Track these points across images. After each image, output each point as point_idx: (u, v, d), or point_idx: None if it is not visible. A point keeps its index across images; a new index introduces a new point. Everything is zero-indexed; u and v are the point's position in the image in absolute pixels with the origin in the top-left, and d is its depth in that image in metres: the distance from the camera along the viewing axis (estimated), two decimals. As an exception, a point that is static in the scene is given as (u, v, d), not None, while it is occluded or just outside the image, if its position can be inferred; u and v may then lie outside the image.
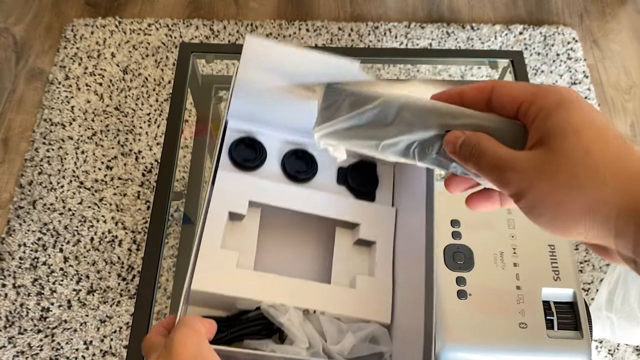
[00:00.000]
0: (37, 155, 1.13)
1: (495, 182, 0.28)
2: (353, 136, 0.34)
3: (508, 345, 0.52)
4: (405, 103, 0.32)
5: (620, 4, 1.46)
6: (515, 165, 0.26)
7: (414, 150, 0.32)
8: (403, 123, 0.32)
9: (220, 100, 1.00)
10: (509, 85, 0.29)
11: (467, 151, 0.29)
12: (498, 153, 0.27)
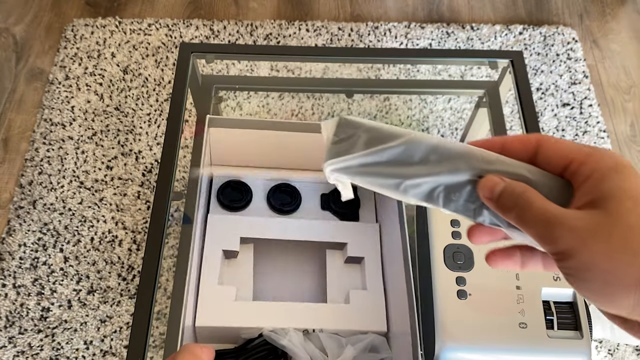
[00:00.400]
0: (37, 155, 1.13)
1: (540, 237, 0.26)
2: (370, 173, 0.31)
3: (508, 345, 0.52)
4: (436, 144, 0.30)
5: (620, 4, 1.46)
6: (567, 221, 0.25)
7: (439, 194, 0.30)
8: (431, 164, 0.30)
9: (220, 100, 0.99)
10: (558, 141, 0.28)
11: (510, 200, 0.27)
12: (547, 207, 0.26)
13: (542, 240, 0.26)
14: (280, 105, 1.19)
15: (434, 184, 0.30)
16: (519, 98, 0.80)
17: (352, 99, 1.21)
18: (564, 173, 0.28)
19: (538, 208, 0.26)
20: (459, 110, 1.21)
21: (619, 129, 1.25)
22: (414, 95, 1.22)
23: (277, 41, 1.32)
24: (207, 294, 0.54)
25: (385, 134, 0.31)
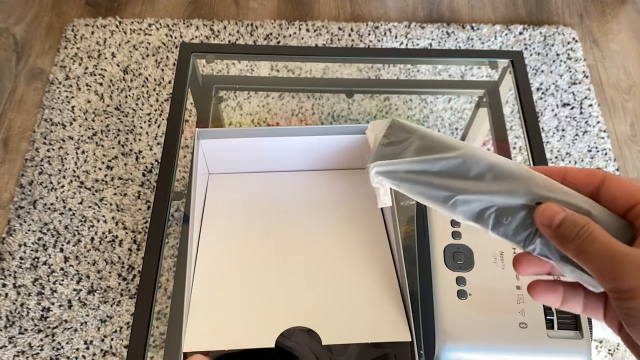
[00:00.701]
0: (38, 155, 1.13)
1: (602, 272, 0.25)
2: (419, 182, 0.30)
3: (508, 345, 0.52)
4: (495, 163, 0.29)
5: (620, 4, 1.46)
6: (635, 259, 0.24)
7: (490, 214, 0.29)
8: (486, 182, 0.29)
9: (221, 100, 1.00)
10: (625, 180, 0.28)
11: (572, 231, 0.26)
12: (612, 242, 0.25)
13: (605, 276, 0.25)
14: (280, 105, 1.19)
15: (487, 203, 0.29)
16: (519, 98, 0.80)
17: (352, 99, 1.21)
18: (627, 213, 0.27)
19: (603, 242, 0.25)
20: (459, 110, 1.21)
21: (619, 129, 1.25)
22: (414, 95, 1.22)
23: (277, 41, 1.32)
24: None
25: (440, 143, 0.30)
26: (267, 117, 1.18)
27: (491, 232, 0.29)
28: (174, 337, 0.65)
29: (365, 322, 0.53)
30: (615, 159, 1.20)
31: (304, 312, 0.52)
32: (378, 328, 0.52)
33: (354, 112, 1.20)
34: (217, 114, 0.95)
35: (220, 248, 0.59)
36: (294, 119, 1.17)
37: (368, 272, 0.58)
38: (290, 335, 0.51)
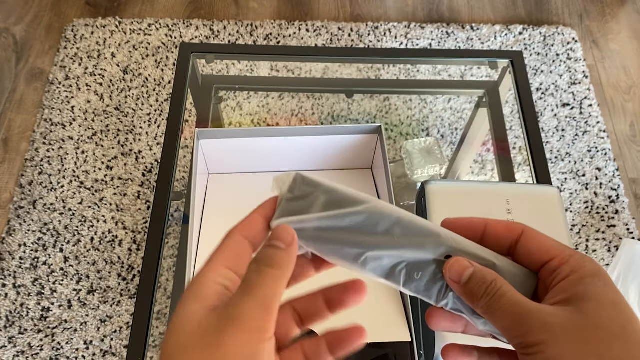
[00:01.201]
0: (38, 155, 1.14)
1: (509, 329, 0.25)
2: (328, 239, 0.29)
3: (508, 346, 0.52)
4: (400, 217, 0.28)
5: (620, 4, 1.46)
6: (540, 316, 0.25)
7: (401, 270, 0.28)
8: (395, 237, 0.28)
9: (220, 100, 1.00)
10: (542, 236, 0.28)
11: (480, 287, 0.26)
12: (518, 299, 0.26)
13: (511, 332, 0.25)
14: (280, 106, 1.20)
15: (397, 259, 0.28)
16: (518, 98, 0.80)
17: (352, 99, 1.21)
18: (541, 267, 0.28)
19: (509, 299, 0.26)
20: (459, 110, 1.21)
21: (618, 129, 1.25)
22: (414, 96, 1.22)
23: (277, 41, 1.32)
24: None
25: (345, 197, 0.29)
26: (267, 117, 1.18)
27: (403, 288, 0.29)
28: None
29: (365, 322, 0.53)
30: (615, 159, 1.20)
31: None
32: (378, 328, 0.52)
33: (353, 112, 1.20)
34: (217, 114, 0.95)
35: None
36: (293, 119, 1.17)
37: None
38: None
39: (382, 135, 0.64)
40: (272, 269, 0.26)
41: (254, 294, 0.25)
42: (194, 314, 0.25)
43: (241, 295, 0.25)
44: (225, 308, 0.25)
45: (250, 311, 0.25)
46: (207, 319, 0.25)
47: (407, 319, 0.53)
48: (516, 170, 1.09)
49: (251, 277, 0.26)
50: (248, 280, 0.26)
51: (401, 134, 1.18)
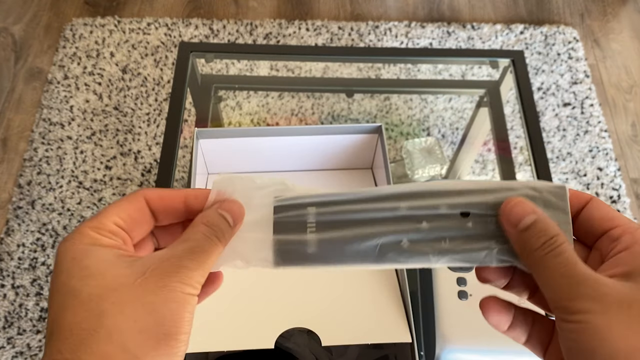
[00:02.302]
0: (36, 155, 1.13)
1: (556, 290, 0.24)
2: (333, 242, 0.27)
3: (508, 346, 0.52)
4: (398, 191, 0.27)
5: (621, 4, 1.46)
6: (597, 285, 0.23)
7: (424, 244, 0.27)
8: (402, 211, 0.27)
9: (220, 99, 0.99)
10: (609, 207, 0.27)
11: (539, 239, 0.25)
12: (577, 261, 0.24)
13: (557, 294, 0.24)
14: (280, 105, 1.19)
15: (416, 234, 0.27)
16: (520, 98, 0.80)
17: (352, 99, 1.20)
18: (602, 235, 0.26)
19: (566, 259, 0.24)
20: (459, 109, 1.21)
21: (620, 129, 1.25)
22: (415, 95, 1.21)
23: (277, 40, 1.32)
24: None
25: (332, 197, 0.27)
26: (267, 116, 1.18)
27: (436, 264, 0.27)
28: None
29: (365, 323, 0.52)
30: (616, 158, 1.19)
31: (304, 313, 0.52)
32: (378, 329, 0.52)
33: (354, 112, 1.19)
34: (217, 114, 0.94)
35: None
36: (293, 118, 1.17)
37: (368, 273, 0.57)
38: (290, 336, 0.50)
39: (383, 135, 0.63)
40: (219, 241, 0.26)
41: (200, 256, 0.25)
42: (111, 258, 0.25)
43: (186, 251, 0.25)
44: (168, 257, 0.25)
45: (194, 269, 0.25)
46: (132, 262, 0.25)
47: (408, 320, 0.53)
48: (517, 170, 1.08)
49: (200, 239, 0.26)
50: (198, 241, 0.26)
51: (402, 133, 1.18)
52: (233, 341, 0.50)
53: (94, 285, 0.24)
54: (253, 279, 0.56)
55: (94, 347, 0.22)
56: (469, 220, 0.27)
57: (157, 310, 0.23)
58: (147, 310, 0.23)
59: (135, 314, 0.23)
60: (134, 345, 0.23)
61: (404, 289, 0.54)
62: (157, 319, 0.23)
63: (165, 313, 0.23)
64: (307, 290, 0.55)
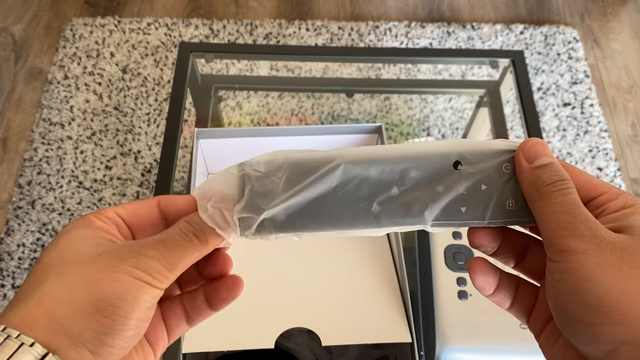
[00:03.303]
0: (36, 155, 1.13)
1: (555, 227, 0.24)
2: (315, 209, 0.26)
3: (508, 346, 0.52)
4: (383, 155, 0.26)
5: (621, 4, 1.46)
6: (594, 226, 0.24)
7: (420, 198, 0.26)
8: (385, 173, 0.26)
9: (220, 99, 0.99)
10: (585, 173, 0.27)
11: (551, 177, 0.25)
12: (581, 204, 0.25)
13: (554, 231, 0.24)
14: (280, 105, 1.19)
15: (411, 184, 0.26)
16: (519, 98, 0.80)
17: (352, 99, 1.20)
18: (589, 203, 0.26)
19: (572, 199, 0.24)
20: (459, 109, 1.21)
21: (620, 129, 1.25)
22: (415, 95, 1.21)
23: (277, 40, 1.32)
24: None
25: (308, 163, 0.26)
26: (267, 116, 1.18)
27: (432, 226, 0.27)
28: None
29: (365, 323, 0.52)
30: (616, 158, 1.19)
31: (304, 313, 0.52)
32: (378, 329, 0.52)
33: (354, 112, 1.19)
34: (217, 114, 0.94)
35: None
36: (293, 118, 1.17)
37: (368, 273, 0.57)
38: (290, 336, 0.50)
39: (383, 135, 0.63)
40: (199, 241, 0.26)
41: (167, 248, 0.25)
42: (86, 237, 0.25)
43: (155, 241, 0.25)
44: (132, 244, 0.25)
45: (155, 258, 0.25)
46: (103, 245, 0.25)
47: (408, 320, 0.53)
48: (517, 170, 1.08)
49: (175, 234, 0.26)
50: (170, 235, 0.26)
51: (402, 133, 1.18)
52: (233, 341, 0.50)
53: (53, 257, 0.25)
54: (253, 279, 0.56)
55: (21, 309, 0.23)
56: (462, 173, 0.27)
57: (97, 287, 0.23)
58: (86, 284, 0.23)
59: (72, 286, 0.23)
60: (61, 313, 0.23)
61: (404, 289, 0.54)
62: (95, 294, 0.23)
63: (105, 291, 0.23)
64: (307, 290, 0.55)
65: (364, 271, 0.58)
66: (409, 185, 0.26)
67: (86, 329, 0.23)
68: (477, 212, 0.27)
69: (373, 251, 0.59)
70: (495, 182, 0.27)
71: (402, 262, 0.54)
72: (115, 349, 0.23)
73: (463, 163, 0.27)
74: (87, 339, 0.23)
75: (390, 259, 0.59)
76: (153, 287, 0.24)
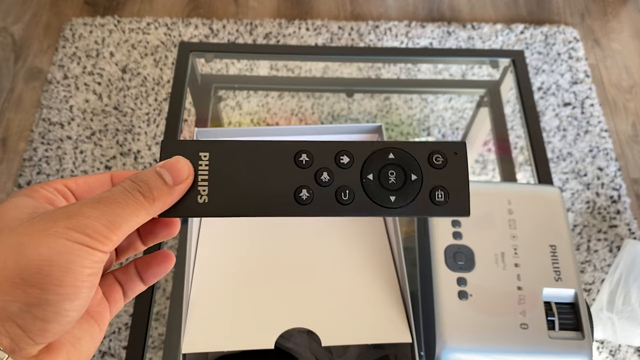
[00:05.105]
0: (36, 155, 1.13)
1: None
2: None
3: (509, 346, 0.52)
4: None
5: (621, 3, 1.46)
6: None
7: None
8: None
9: (220, 99, 0.99)
10: None
11: None
12: None
13: None
14: (280, 105, 1.19)
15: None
16: (520, 97, 0.79)
17: (352, 98, 1.20)
18: None
19: None
20: (460, 109, 1.21)
21: (620, 129, 1.25)
22: (415, 95, 1.21)
23: (277, 40, 1.32)
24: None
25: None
26: (267, 116, 1.18)
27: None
28: (172, 338, 0.65)
29: (366, 323, 0.52)
30: (616, 158, 1.19)
31: (304, 313, 0.52)
32: (378, 329, 0.52)
33: (354, 112, 1.19)
34: (217, 114, 0.94)
35: (220, 248, 0.59)
36: (293, 118, 1.17)
37: (368, 273, 0.57)
38: (290, 337, 0.50)
39: (383, 134, 0.63)
40: (144, 197, 0.24)
41: (108, 206, 0.23)
42: (24, 205, 0.23)
43: (93, 200, 0.23)
44: (68, 206, 0.23)
45: (94, 217, 0.22)
46: (38, 210, 0.23)
47: (408, 320, 0.53)
48: (517, 170, 1.08)
49: (117, 191, 0.24)
50: (112, 193, 0.23)
51: (402, 133, 1.17)
52: (233, 341, 0.49)
53: None
54: (253, 279, 0.56)
55: None
56: None
57: (23, 252, 0.21)
58: (12, 251, 0.21)
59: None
60: None
61: (404, 289, 0.54)
62: (21, 262, 0.20)
63: (32, 257, 0.20)
64: (307, 291, 0.55)
65: (364, 271, 0.58)
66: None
67: (12, 301, 0.20)
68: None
69: (373, 251, 0.59)
70: None
71: (402, 262, 0.54)
72: (50, 323, 0.21)
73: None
74: (14, 313, 0.20)
75: (390, 259, 0.59)
76: (92, 249, 0.22)
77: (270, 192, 0.26)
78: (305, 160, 0.27)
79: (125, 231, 0.23)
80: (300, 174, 0.27)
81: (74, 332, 0.23)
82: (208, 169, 0.26)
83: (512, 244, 0.56)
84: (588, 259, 1.07)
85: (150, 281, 0.29)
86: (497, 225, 0.57)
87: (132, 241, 0.29)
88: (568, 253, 0.56)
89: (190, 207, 0.26)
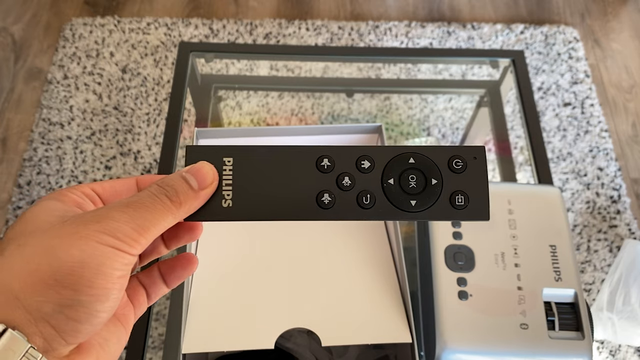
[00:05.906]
0: (36, 155, 1.13)
1: None
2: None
3: (509, 347, 0.52)
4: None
5: (621, 3, 1.46)
6: None
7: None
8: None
9: (220, 99, 0.99)
10: None
11: None
12: None
13: None
14: (280, 105, 1.19)
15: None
16: (520, 97, 0.79)
17: (352, 98, 1.20)
18: None
19: None
20: (460, 109, 1.21)
21: (620, 129, 1.25)
22: (415, 95, 1.21)
23: (277, 40, 1.32)
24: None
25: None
26: (267, 116, 1.18)
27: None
28: (172, 338, 0.65)
29: (366, 323, 0.52)
30: (616, 158, 1.19)
31: (304, 313, 0.52)
32: (378, 329, 0.52)
33: (354, 112, 1.19)
34: (217, 114, 0.94)
35: (220, 248, 0.59)
36: (293, 118, 1.17)
37: (368, 273, 0.57)
38: (290, 337, 0.50)
39: (383, 134, 0.63)
40: (171, 202, 0.24)
41: (136, 210, 0.23)
42: (54, 208, 0.24)
43: (122, 204, 0.23)
44: (98, 209, 0.23)
45: (123, 221, 0.23)
46: (68, 213, 0.23)
47: (408, 320, 0.53)
48: (517, 170, 1.08)
49: (145, 196, 0.24)
50: (140, 197, 0.24)
51: (402, 133, 1.17)
52: (233, 341, 0.49)
53: (16, 230, 0.23)
54: (253, 279, 0.56)
55: None
56: None
57: (55, 255, 0.21)
58: (46, 253, 0.21)
59: (31, 257, 0.21)
60: (19, 286, 0.21)
61: (404, 289, 0.54)
62: (53, 264, 0.21)
63: (64, 259, 0.21)
64: (307, 291, 0.55)
65: (364, 271, 0.58)
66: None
67: (45, 302, 0.21)
68: None
69: (373, 251, 0.59)
70: None
71: (402, 262, 0.54)
72: (82, 324, 0.21)
73: None
74: (48, 313, 0.21)
75: (390, 259, 0.59)
76: (122, 252, 0.22)
77: (293, 197, 0.27)
78: (327, 165, 0.27)
79: (153, 234, 0.24)
80: (322, 179, 0.27)
81: (102, 334, 0.24)
82: (232, 173, 0.27)
83: (512, 244, 0.56)
84: (588, 259, 1.07)
85: (174, 284, 0.29)
86: (497, 225, 0.57)
87: (156, 245, 0.29)
88: (568, 253, 0.56)
89: (215, 211, 0.27)
